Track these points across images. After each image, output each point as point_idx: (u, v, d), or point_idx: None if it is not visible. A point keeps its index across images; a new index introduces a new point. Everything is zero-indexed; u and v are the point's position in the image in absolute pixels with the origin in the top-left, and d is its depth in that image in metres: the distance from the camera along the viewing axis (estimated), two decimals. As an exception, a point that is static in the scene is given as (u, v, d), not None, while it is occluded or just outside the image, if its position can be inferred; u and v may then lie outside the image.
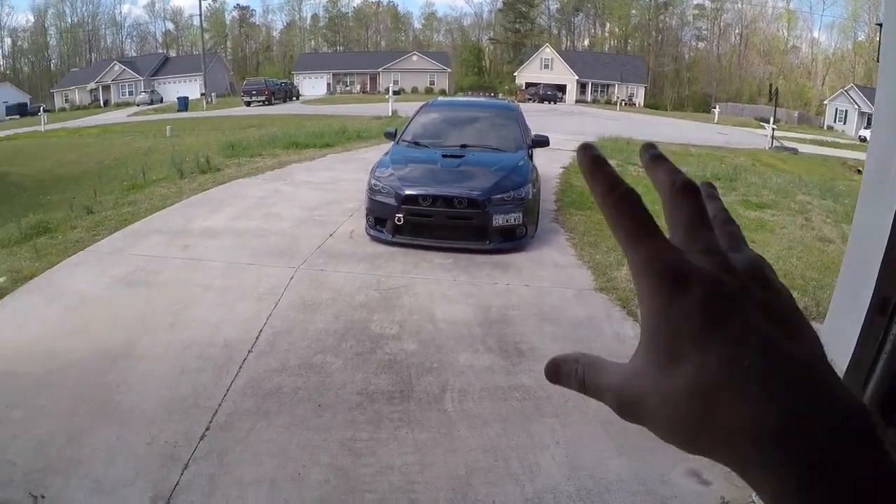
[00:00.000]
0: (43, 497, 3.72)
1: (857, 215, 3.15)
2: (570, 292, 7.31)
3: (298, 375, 5.19)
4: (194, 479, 3.93)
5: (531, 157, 10.10)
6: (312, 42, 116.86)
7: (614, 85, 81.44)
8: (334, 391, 4.97)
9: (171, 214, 10.66)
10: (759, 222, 11.91)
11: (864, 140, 40.81)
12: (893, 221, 2.80)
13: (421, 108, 11.81)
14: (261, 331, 5.98)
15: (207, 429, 4.44)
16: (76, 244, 8.83)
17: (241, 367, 5.30)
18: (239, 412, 4.66)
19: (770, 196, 14.70)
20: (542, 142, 10.70)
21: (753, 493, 1.57)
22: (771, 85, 63.09)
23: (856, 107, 65.64)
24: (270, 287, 7.07)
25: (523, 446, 4.34)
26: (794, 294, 2.40)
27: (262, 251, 8.40)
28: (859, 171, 26.20)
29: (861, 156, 32.59)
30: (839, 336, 3.16)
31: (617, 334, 6.25)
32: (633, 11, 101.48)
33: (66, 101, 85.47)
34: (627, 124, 37.84)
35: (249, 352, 5.57)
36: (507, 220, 8.56)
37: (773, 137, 32.25)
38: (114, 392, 4.93)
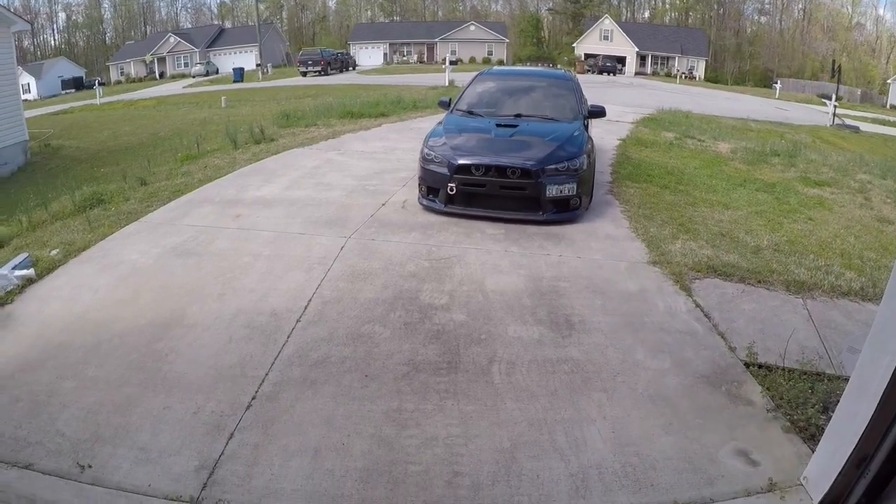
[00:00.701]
0: (90, 466, 3.81)
1: None
2: (622, 265, 7.18)
3: (346, 345, 5.20)
4: (239, 449, 3.98)
5: (587, 127, 9.91)
6: (369, 12, 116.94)
7: (674, 58, 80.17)
8: (381, 361, 4.97)
9: (223, 184, 10.72)
10: (817, 199, 11.60)
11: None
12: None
13: (475, 76, 11.67)
14: (310, 300, 6.00)
15: (253, 398, 4.49)
16: (129, 215, 8.91)
17: (288, 337, 5.33)
18: (285, 382, 4.69)
19: (830, 174, 14.31)
20: (599, 112, 10.54)
21: (802, 476, 1.50)
22: (834, 62, 61.60)
23: (920, 86, 63.90)
24: (321, 256, 7.09)
25: (570, 420, 4.30)
26: (852, 274, 2.34)
27: (313, 221, 8.41)
28: (922, 152, 25.50)
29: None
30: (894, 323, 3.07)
31: (669, 308, 6.13)
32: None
33: (122, 73, 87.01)
34: (687, 97, 37.29)
35: (298, 321, 5.60)
36: (560, 191, 8.44)
37: (834, 115, 31.45)
38: (162, 361, 5.00)
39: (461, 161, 8.53)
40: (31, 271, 6.75)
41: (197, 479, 3.71)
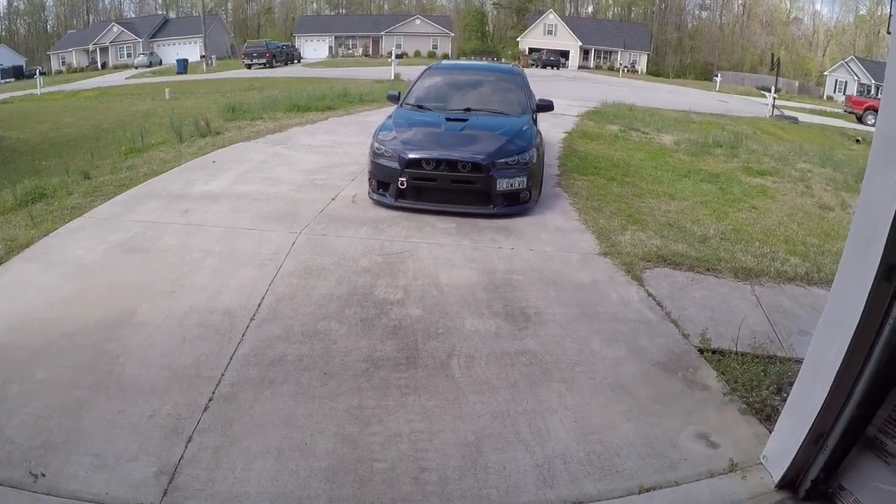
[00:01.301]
0: (43, 475, 3.67)
1: (865, 184, 3.17)
2: (574, 257, 7.26)
3: (302, 343, 5.14)
4: (199, 451, 3.88)
5: (535, 121, 9.98)
6: (314, 4, 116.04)
7: (617, 52, 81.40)
8: (339, 358, 4.92)
9: (169, 178, 10.51)
10: (760, 188, 11.91)
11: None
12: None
13: (424, 71, 11.65)
14: (263, 297, 5.91)
15: (211, 399, 4.39)
16: (73, 210, 8.64)
17: (243, 335, 5.23)
18: (243, 381, 4.61)
19: (771, 163, 14.71)
20: (547, 106, 10.61)
21: (762, 455, 1.54)
22: (773, 55, 63.14)
23: (855, 78, 66.63)
24: (272, 252, 7.00)
25: (532, 411, 4.32)
26: (796, 260, 2.39)
27: (262, 216, 8.30)
28: (858, 141, 26.28)
29: (859, 127, 32.68)
30: (847, 302, 3.17)
31: (622, 298, 6.22)
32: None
33: (63, 63, 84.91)
34: (630, 91, 37.88)
35: (252, 319, 5.50)
36: (510, 185, 8.48)
37: (773, 106, 32.14)
38: (114, 363, 4.84)
39: (412, 155, 8.51)
40: None
41: (157, 485, 3.61)
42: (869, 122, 37.05)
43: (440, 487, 3.62)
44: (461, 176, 8.43)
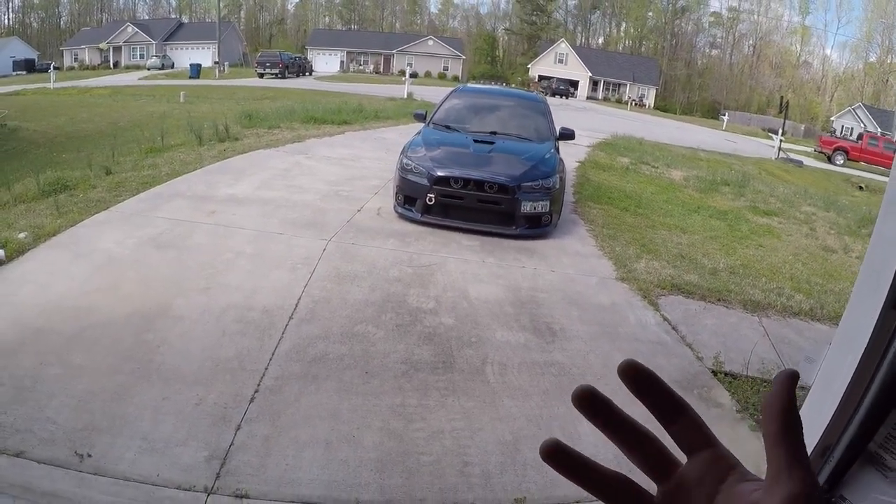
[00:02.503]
0: (89, 456, 3.69)
1: (879, 221, 3.37)
2: (593, 280, 7.54)
3: (342, 343, 5.36)
4: (249, 439, 4.00)
5: (558, 149, 10.27)
6: (327, 18, 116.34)
7: (626, 85, 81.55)
8: (379, 359, 5.16)
9: (193, 180, 10.73)
10: (767, 228, 12.23)
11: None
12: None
13: (451, 92, 11.98)
14: (299, 298, 6.12)
15: (256, 391, 4.54)
16: (98, 203, 8.78)
17: (283, 333, 5.43)
18: (287, 376, 4.79)
19: (777, 204, 15.03)
20: (569, 135, 10.91)
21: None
22: (782, 97, 63.33)
23: (862, 125, 66.24)
24: (304, 257, 7.22)
25: (564, 417, 4.56)
26: (801, 297, 2.69)
27: (290, 222, 8.53)
28: (861, 188, 26.48)
29: (864, 174, 32.93)
30: (857, 327, 3.40)
31: (640, 321, 6.52)
32: (650, 13, 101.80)
33: (76, 59, 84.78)
34: (639, 124, 38.07)
35: (290, 318, 5.71)
36: (534, 208, 8.77)
37: (780, 148, 32.39)
38: (154, 352, 4.97)
39: (440, 173, 8.78)
40: (0, 252, 6.64)
41: (208, 469, 3.70)
42: (837, 162, 38.16)
43: (483, 480, 3.85)
44: (487, 196, 8.71)
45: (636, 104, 75.78)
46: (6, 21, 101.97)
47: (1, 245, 6.78)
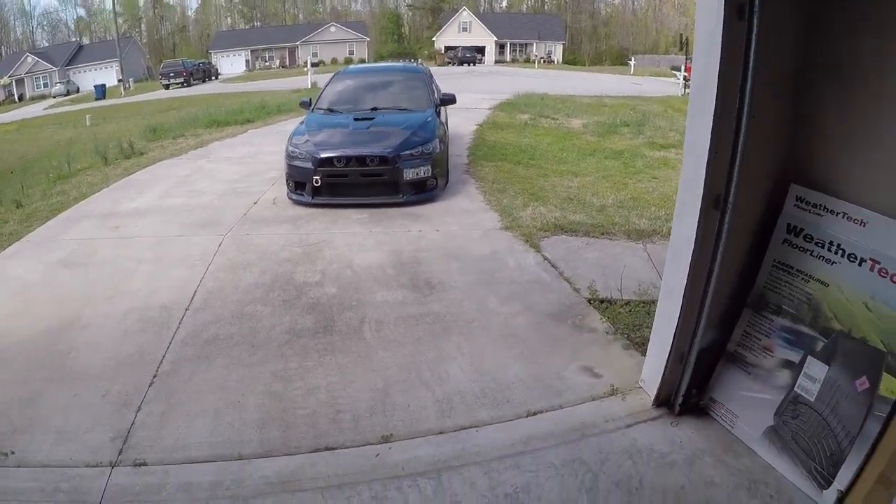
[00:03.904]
0: (12, 453, 4.05)
1: (687, 129, 3.81)
2: (476, 233, 7.94)
3: (232, 324, 5.69)
4: (147, 418, 4.37)
5: (439, 114, 10.67)
6: (229, 19, 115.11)
7: (532, 44, 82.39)
8: (265, 333, 5.49)
9: (99, 199, 10.91)
10: (662, 160, 12.72)
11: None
12: (711, 132, 3.48)
13: (333, 76, 12.34)
14: (195, 291, 6.45)
15: (155, 376, 4.89)
16: (10, 236, 8.93)
17: (179, 324, 5.76)
18: (181, 360, 5.13)
19: (676, 137, 15.42)
20: (449, 100, 11.35)
21: (640, 379, 2.41)
22: (681, 35, 64.35)
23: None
24: (200, 254, 7.52)
25: (433, 360, 4.93)
26: None
27: (189, 224, 8.81)
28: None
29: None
30: (683, 230, 3.80)
31: (519, 264, 6.89)
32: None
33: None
34: (544, 81, 38.73)
35: (186, 310, 6.03)
36: (417, 174, 9.18)
37: (684, 85, 33.16)
38: (64, 358, 5.28)
39: (323, 154, 9.16)
40: None
41: (113, 447, 4.07)
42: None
43: (353, 424, 4.20)
44: (370, 170, 9.11)
45: (545, 61, 76.67)
46: None
47: None
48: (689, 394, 4.05)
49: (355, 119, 10.06)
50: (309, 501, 3.53)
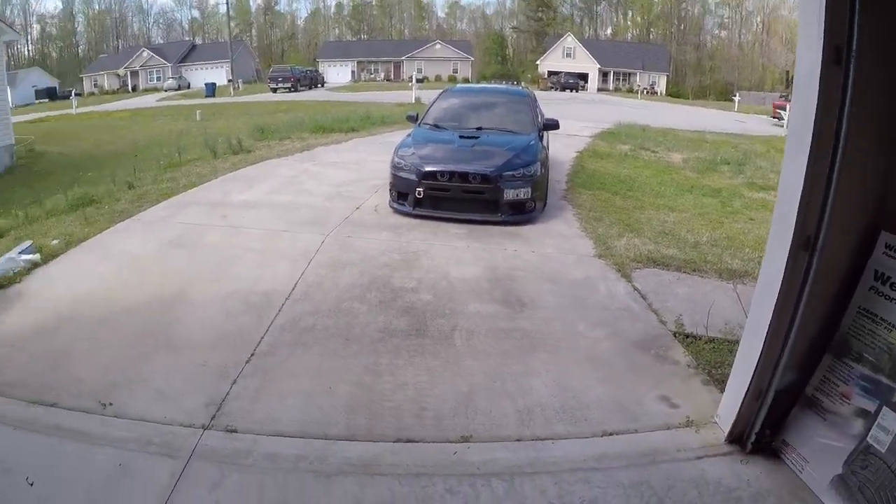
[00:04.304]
0: (111, 404, 4.50)
1: (783, 170, 3.90)
2: (571, 258, 8.05)
3: (329, 317, 6.01)
4: (242, 391, 4.74)
5: (542, 138, 10.83)
6: (336, 30, 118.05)
7: (636, 73, 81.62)
8: (360, 329, 5.79)
9: (208, 189, 11.58)
10: (761, 202, 12.50)
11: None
12: (805, 173, 3.58)
13: (441, 93, 12.66)
14: (296, 283, 6.80)
15: (252, 354, 5.27)
16: (122, 213, 9.65)
17: (279, 310, 6.12)
18: (279, 343, 5.48)
19: (777, 179, 15.04)
20: (553, 125, 11.50)
21: (715, 414, 2.60)
22: (788, 73, 63.00)
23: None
24: (304, 250, 7.89)
25: (519, 373, 5.11)
26: None
27: (294, 221, 9.22)
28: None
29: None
30: (772, 270, 3.89)
31: (609, 292, 6.97)
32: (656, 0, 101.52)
33: (95, 85, 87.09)
34: (646, 112, 38.37)
35: (287, 299, 6.39)
36: (517, 195, 9.35)
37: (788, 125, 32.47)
38: (169, 329, 5.75)
39: (427, 168, 9.45)
40: (36, 256, 7.44)
41: (206, 412, 4.44)
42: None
43: (436, 421, 4.43)
44: (472, 187, 9.33)
45: (647, 92, 75.87)
46: (27, 52, 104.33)
47: (37, 250, 7.64)
48: (762, 433, 4.10)
49: (460, 136, 10.32)
50: (386, 485, 3.76)
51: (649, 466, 4.02)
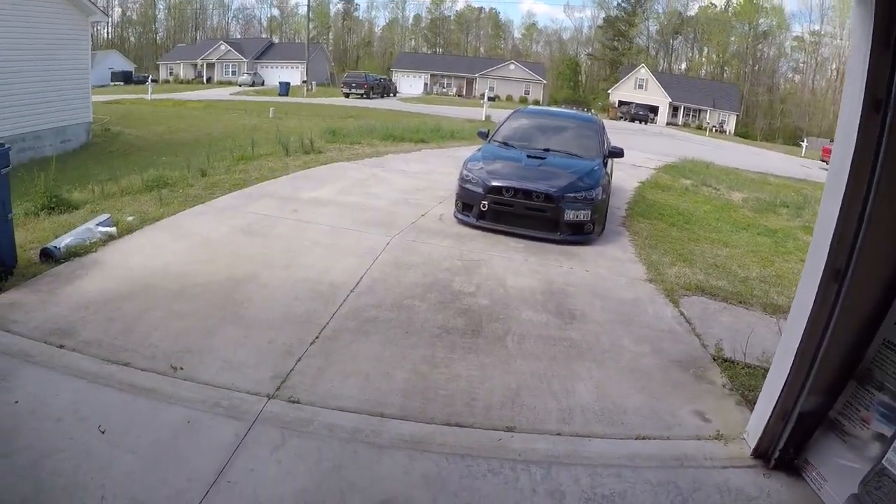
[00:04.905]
0: (181, 368, 4.98)
1: (821, 205, 4.25)
2: (623, 280, 8.39)
3: (391, 311, 6.47)
4: (306, 368, 5.20)
5: (605, 164, 11.20)
6: (412, 41, 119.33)
7: (706, 110, 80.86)
8: (419, 324, 6.23)
9: (279, 184, 12.18)
10: (817, 247, 12.60)
11: None
12: (839, 211, 3.92)
13: (512, 113, 13.18)
14: (361, 278, 7.29)
15: (317, 337, 5.74)
16: (195, 198, 10.28)
17: (344, 300, 6.60)
18: (343, 329, 5.95)
19: (833, 226, 15.22)
20: (618, 153, 11.88)
21: (744, 431, 3.07)
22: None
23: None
24: (370, 248, 8.38)
25: (564, 376, 5.50)
26: None
27: (362, 221, 9.72)
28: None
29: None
30: (804, 298, 4.23)
31: (657, 313, 7.31)
32: (732, 38, 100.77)
33: (171, 73, 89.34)
34: (713, 149, 38.42)
35: (352, 291, 6.87)
36: (576, 217, 9.75)
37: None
38: (239, 306, 6.25)
39: (494, 183, 9.90)
40: (113, 229, 8.04)
41: (272, 384, 4.90)
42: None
43: (484, 411, 4.85)
44: (534, 204, 9.76)
45: (716, 130, 75.18)
46: (106, 34, 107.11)
47: (114, 223, 8.22)
48: (785, 450, 4.40)
49: (528, 156, 10.76)
50: (433, 460, 4.19)
51: (677, 469, 4.38)
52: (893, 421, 3.84)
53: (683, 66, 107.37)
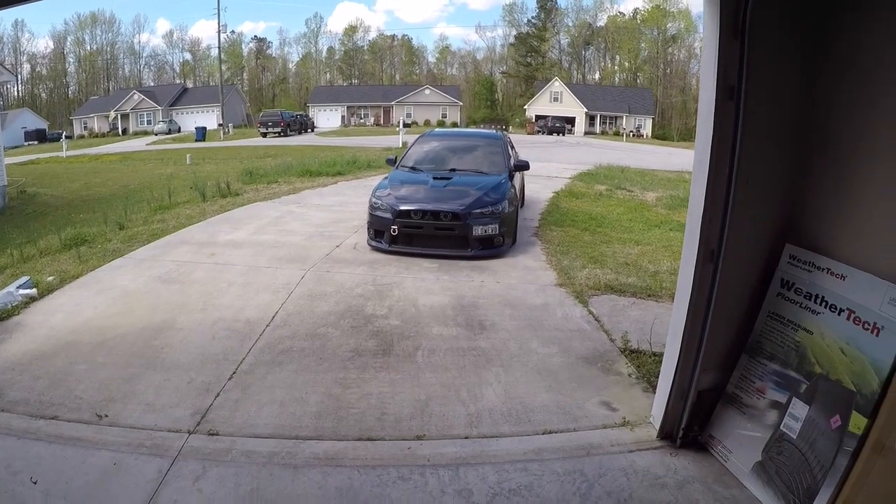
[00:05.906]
0: (106, 416, 5.07)
1: (691, 193, 4.53)
2: (533, 287, 8.67)
3: (305, 340, 6.63)
4: (224, 402, 5.33)
5: (512, 178, 11.55)
6: (328, 75, 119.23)
7: (622, 117, 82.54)
8: (332, 350, 6.40)
9: (197, 230, 12.28)
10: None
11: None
12: (705, 196, 4.20)
13: (418, 138, 13.53)
14: (276, 312, 7.44)
15: (234, 372, 5.87)
16: (114, 252, 10.34)
17: (260, 335, 6.75)
18: (258, 363, 6.09)
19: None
20: (523, 166, 12.30)
21: (650, 415, 3.36)
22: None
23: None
24: (285, 283, 8.54)
25: (472, 384, 5.71)
26: None
27: (277, 258, 9.88)
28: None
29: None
30: (684, 281, 4.49)
31: (566, 315, 7.59)
32: (643, 45, 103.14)
33: (85, 128, 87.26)
34: (629, 154, 39.33)
35: (267, 325, 7.02)
36: (485, 231, 10.06)
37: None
38: (159, 352, 6.35)
39: (402, 207, 10.17)
40: (33, 290, 8.04)
41: (192, 420, 5.02)
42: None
43: (395, 423, 5.03)
44: (443, 224, 10.05)
45: (634, 135, 76.82)
46: (16, 93, 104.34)
47: (33, 285, 8.23)
48: (689, 429, 4.64)
49: (434, 178, 11.07)
50: (346, 474, 4.35)
51: (583, 458, 4.59)
52: (786, 388, 4.10)
53: (597, 75, 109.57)
